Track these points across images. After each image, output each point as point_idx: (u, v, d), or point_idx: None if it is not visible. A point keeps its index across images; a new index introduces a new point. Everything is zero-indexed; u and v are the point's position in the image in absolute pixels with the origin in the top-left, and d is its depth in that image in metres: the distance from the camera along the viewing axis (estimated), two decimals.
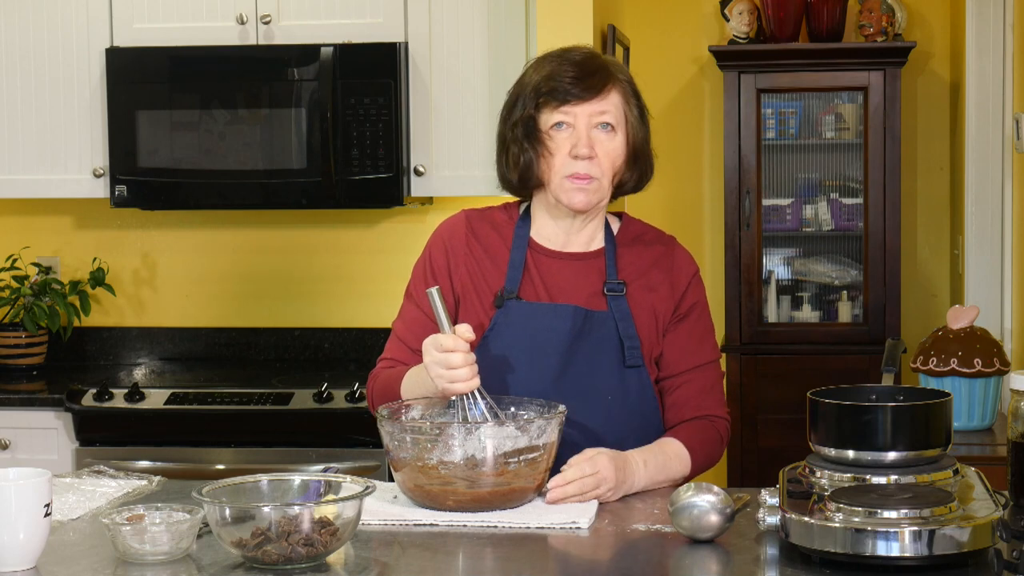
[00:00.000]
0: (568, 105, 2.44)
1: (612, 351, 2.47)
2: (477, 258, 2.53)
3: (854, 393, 2.17)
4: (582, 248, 2.53)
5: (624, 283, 2.50)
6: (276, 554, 1.93)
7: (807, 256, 5.38)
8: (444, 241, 2.57)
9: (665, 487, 2.41)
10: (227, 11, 4.10)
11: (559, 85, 2.44)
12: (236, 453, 3.83)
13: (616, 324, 2.47)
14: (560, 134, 2.45)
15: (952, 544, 1.86)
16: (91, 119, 4.15)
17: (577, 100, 2.43)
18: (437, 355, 2.30)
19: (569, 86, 2.43)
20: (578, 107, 2.43)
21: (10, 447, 3.94)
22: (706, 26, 5.44)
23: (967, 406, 3.53)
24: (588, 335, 2.46)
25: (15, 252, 4.45)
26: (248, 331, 4.50)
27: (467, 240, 2.55)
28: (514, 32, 4.04)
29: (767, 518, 2.01)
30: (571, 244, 2.53)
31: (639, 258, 2.54)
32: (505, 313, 2.48)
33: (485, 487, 2.19)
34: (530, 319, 2.47)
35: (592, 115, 2.44)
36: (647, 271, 2.53)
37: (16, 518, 1.94)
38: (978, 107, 4.68)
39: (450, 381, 2.29)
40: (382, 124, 3.98)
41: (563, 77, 2.44)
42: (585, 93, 2.43)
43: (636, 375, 2.48)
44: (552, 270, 2.51)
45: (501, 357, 2.46)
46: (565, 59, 2.47)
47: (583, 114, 2.44)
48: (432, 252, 2.58)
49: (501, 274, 2.51)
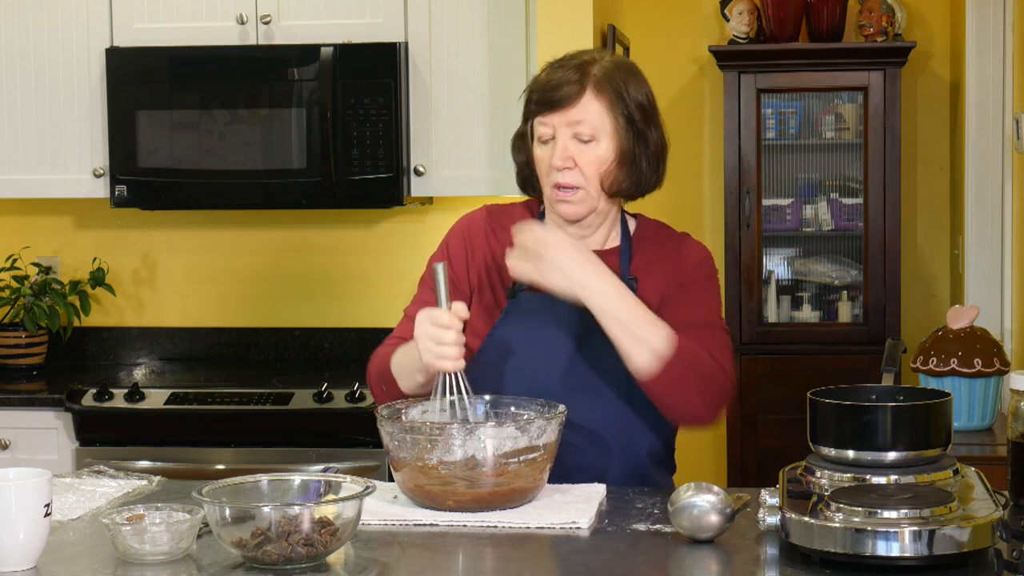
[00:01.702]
0: (545, 115, 2.43)
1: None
2: (495, 252, 2.53)
3: (854, 393, 2.17)
4: (597, 246, 2.52)
5: (635, 279, 2.49)
6: (276, 554, 1.93)
7: (807, 256, 5.38)
8: (464, 233, 2.58)
9: (636, 349, 2.32)
10: (227, 11, 4.10)
11: (541, 95, 2.44)
12: (236, 453, 3.83)
13: None
14: (545, 145, 2.45)
15: (952, 544, 1.86)
16: (91, 119, 4.15)
17: (551, 110, 2.42)
18: (430, 329, 2.29)
19: (548, 95, 2.43)
20: (554, 117, 2.42)
21: (10, 447, 3.94)
22: (706, 26, 5.44)
23: (967, 406, 3.53)
24: (597, 330, 2.44)
25: (15, 252, 4.45)
26: (248, 331, 4.50)
27: (486, 233, 2.55)
28: (514, 32, 4.04)
29: (767, 518, 2.01)
30: (586, 242, 2.52)
31: (651, 255, 2.53)
32: (516, 304, 2.48)
33: (485, 487, 2.19)
34: (541, 312, 2.47)
35: (570, 124, 2.42)
36: (656, 265, 2.51)
37: (16, 518, 1.94)
38: (978, 107, 4.68)
39: (438, 357, 2.29)
40: (382, 124, 3.98)
41: (546, 85, 2.44)
42: (558, 103, 2.42)
43: None
44: None
45: (510, 348, 2.46)
46: (556, 66, 2.47)
47: (560, 124, 2.42)
48: (451, 242, 2.58)
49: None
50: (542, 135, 2.45)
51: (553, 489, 2.33)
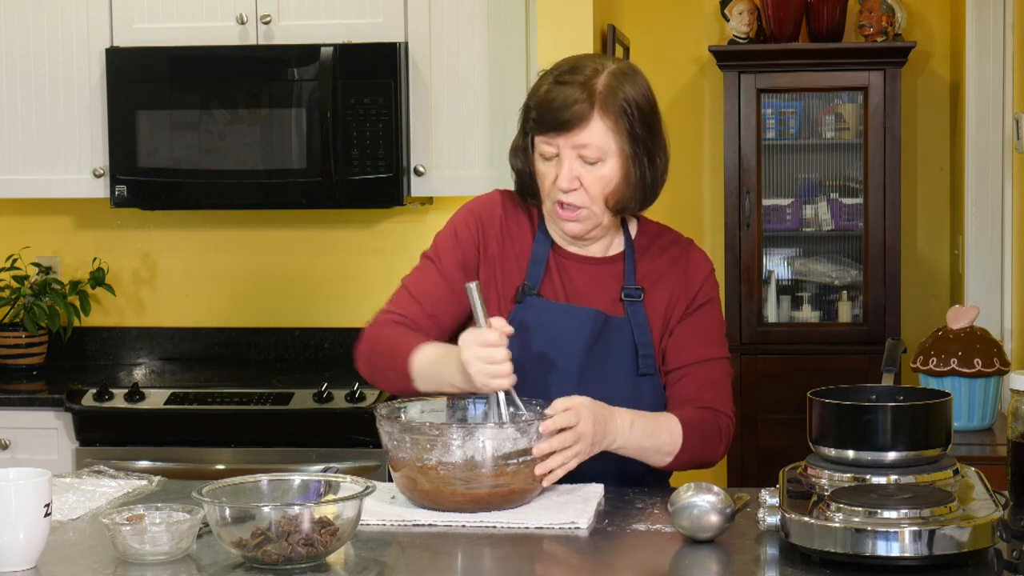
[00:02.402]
0: (550, 135, 2.39)
1: (627, 357, 2.45)
2: (506, 238, 2.50)
3: (854, 393, 2.17)
4: (600, 253, 2.51)
5: (642, 288, 2.48)
6: (276, 554, 1.93)
7: (807, 256, 5.38)
8: (477, 213, 2.53)
9: (652, 457, 2.38)
10: (227, 11, 4.10)
11: (545, 114, 2.38)
12: (236, 453, 3.83)
13: (632, 331, 2.46)
14: (548, 162, 2.41)
15: (952, 544, 1.86)
16: (91, 119, 4.15)
17: (557, 132, 2.38)
18: (481, 351, 2.26)
19: (554, 116, 2.37)
20: (560, 139, 2.38)
21: (10, 447, 3.94)
22: (706, 26, 5.44)
23: (967, 406, 3.53)
24: (605, 340, 2.44)
25: (15, 252, 4.45)
26: (248, 331, 4.50)
27: (502, 216, 2.51)
28: (514, 32, 4.04)
29: (767, 518, 2.01)
30: (589, 249, 2.51)
31: (656, 263, 2.51)
32: (526, 309, 2.45)
33: (484, 488, 2.19)
34: (551, 319, 2.44)
35: (575, 147, 2.38)
36: (663, 275, 2.50)
37: (16, 518, 1.94)
38: (978, 107, 4.68)
39: (492, 376, 2.26)
40: (382, 124, 3.98)
41: (549, 105, 2.38)
42: (563, 126, 2.37)
43: (649, 383, 2.47)
44: (572, 272, 2.49)
45: (518, 355, 2.41)
46: (557, 80, 2.40)
47: (566, 145, 2.38)
48: (462, 221, 2.53)
49: (520, 267, 2.49)
50: (545, 153, 2.41)
51: (551, 490, 2.32)
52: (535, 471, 2.22)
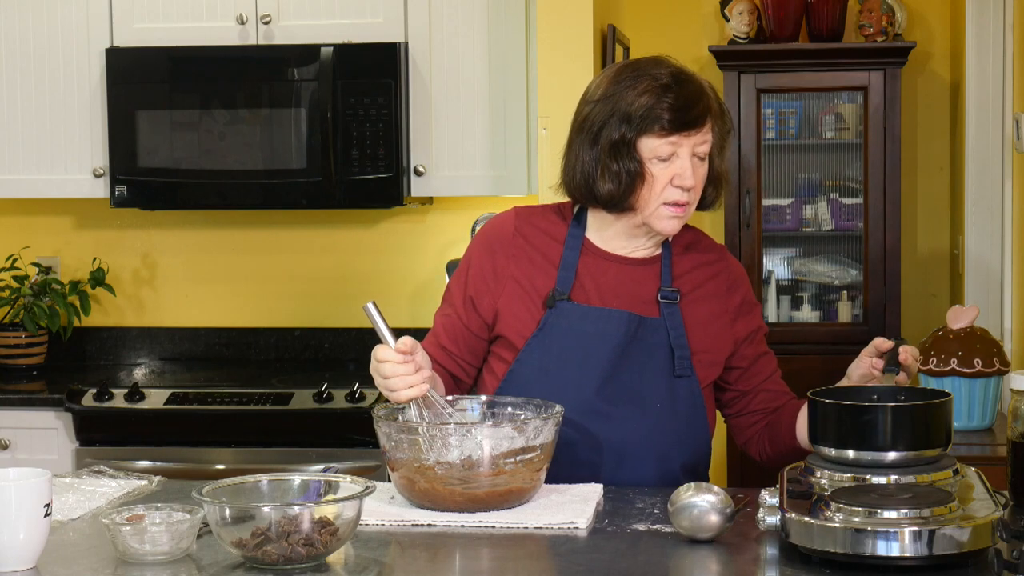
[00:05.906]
0: (674, 136, 2.37)
1: (663, 359, 2.45)
2: (525, 257, 2.50)
3: (854, 393, 2.18)
4: (645, 254, 2.51)
5: (679, 291, 2.48)
6: (276, 554, 1.93)
7: (807, 256, 5.38)
8: (487, 245, 2.52)
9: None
10: (227, 11, 4.11)
11: (675, 115, 2.37)
12: (236, 453, 3.83)
13: (668, 332, 2.46)
14: (663, 163, 2.39)
15: (952, 544, 1.86)
16: (91, 119, 4.15)
17: (686, 131, 2.38)
18: (376, 366, 2.30)
19: (686, 115, 2.37)
20: (684, 138, 2.38)
21: (10, 447, 3.94)
22: (706, 26, 5.44)
23: (967, 406, 3.53)
24: (640, 342, 2.44)
25: (15, 252, 4.45)
26: (248, 331, 4.50)
27: (513, 238, 2.51)
28: (514, 32, 4.04)
29: (767, 518, 2.01)
30: (629, 250, 2.50)
31: (695, 267, 2.52)
32: (556, 315, 2.45)
33: (482, 487, 2.19)
34: (582, 322, 2.44)
35: (695, 145, 2.39)
36: (704, 282, 2.52)
37: (16, 518, 1.94)
38: (978, 107, 4.68)
39: (388, 390, 2.29)
40: (382, 124, 3.98)
41: (668, 106, 2.37)
42: (694, 123, 2.38)
43: (686, 384, 2.47)
44: (605, 273, 2.48)
45: (548, 359, 2.43)
46: (666, 84, 2.38)
47: (687, 144, 2.38)
48: (473, 257, 2.54)
49: (550, 275, 2.48)
50: (662, 154, 2.38)
51: (550, 489, 2.32)
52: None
